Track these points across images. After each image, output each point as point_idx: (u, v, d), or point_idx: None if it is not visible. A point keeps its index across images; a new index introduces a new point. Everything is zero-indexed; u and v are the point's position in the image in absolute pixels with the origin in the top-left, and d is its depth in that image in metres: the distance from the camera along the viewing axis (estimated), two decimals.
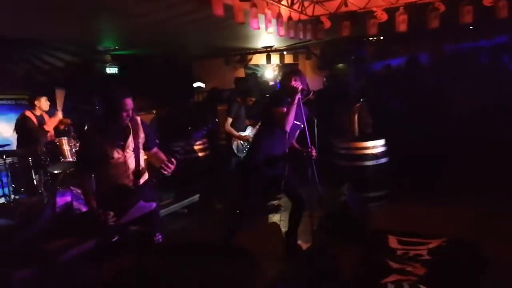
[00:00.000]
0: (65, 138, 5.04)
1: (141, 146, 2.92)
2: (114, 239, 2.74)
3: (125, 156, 2.82)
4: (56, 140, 5.07)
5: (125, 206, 2.76)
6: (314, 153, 3.44)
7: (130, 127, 2.87)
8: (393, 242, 3.84)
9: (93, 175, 2.88)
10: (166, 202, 5.41)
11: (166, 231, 4.48)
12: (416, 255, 3.52)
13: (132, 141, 2.86)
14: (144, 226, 2.87)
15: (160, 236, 2.93)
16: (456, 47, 7.35)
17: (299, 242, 3.87)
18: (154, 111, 7.69)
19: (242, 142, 5.56)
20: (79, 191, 4.08)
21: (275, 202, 5.26)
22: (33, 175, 5.07)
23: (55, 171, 5.02)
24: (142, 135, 2.93)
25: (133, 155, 2.85)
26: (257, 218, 4.75)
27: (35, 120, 5.20)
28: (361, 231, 4.03)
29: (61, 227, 4.32)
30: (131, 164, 2.84)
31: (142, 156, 2.95)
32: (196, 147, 6.10)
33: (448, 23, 4.76)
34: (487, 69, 6.83)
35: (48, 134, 5.29)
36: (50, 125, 5.29)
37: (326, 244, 3.81)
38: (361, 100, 6.49)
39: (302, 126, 3.50)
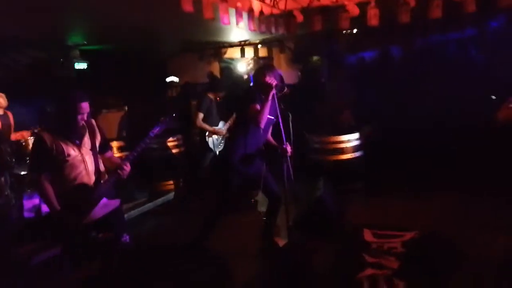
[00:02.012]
0: (32, 137, 4.86)
1: (97, 146, 2.87)
2: (79, 242, 2.66)
3: (82, 154, 2.78)
4: (23, 140, 4.88)
5: (88, 205, 2.70)
6: (289, 149, 3.42)
7: (86, 127, 2.85)
8: (368, 235, 3.88)
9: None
10: (140, 201, 5.32)
11: (139, 232, 4.45)
12: (390, 248, 3.57)
13: (89, 140, 2.82)
14: (110, 228, 2.80)
15: (127, 237, 2.87)
16: (425, 40, 7.48)
17: (276, 238, 3.87)
18: (126, 107, 7.51)
19: (217, 137, 5.51)
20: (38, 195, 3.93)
21: (252, 199, 5.24)
22: None
23: (22, 173, 4.83)
24: (98, 136, 2.90)
25: (91, 153, 2.81)
26: (234, 215, 4.71)
27: None
28: (336, 226, 4.07)
29: (29, 231, 4.19)
30: (89, 162, 2.81)
31: (98, 156, 2.89)
32: (169, 144, 6.01)
33: (418, 16, 4.81)
34: (455, 61, 7.00)
35: (12, 133, 5.09)
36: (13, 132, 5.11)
37: (302, 240, 3.83)
38: None
39: (275, 119, 3.48)
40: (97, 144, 2.90)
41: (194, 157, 6.20)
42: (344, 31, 7.31)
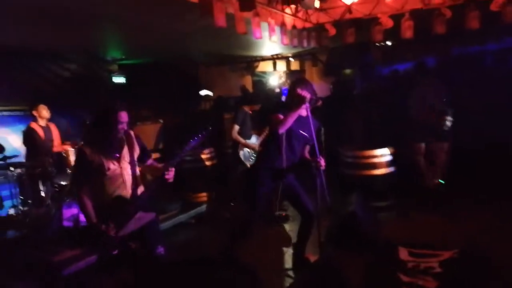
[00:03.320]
0: (72, 149, 5.06)
1: (136, 158, 2.93)
2: (114, 252, 2.71)
3: (121, 167, 2.84)
4: (63, 151, 5.10)
5: (125, 217, 2.76)
6: (322, 162, 3.38)
7: (125, 139, 2.91)
8: (403, 254, 3.75)
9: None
10: (172, 213, 5.39)
11: (171, 244, 4.51)
12: (427, 267, 3.43)
13: (128, 153, 2.88)
14: (144, 239, 2.85)
15: (162, 249, 2.91)
16: (462, 51, 7.26)
17: (307, 254, 3.82)
18: (161, 120, 7.70)
19: (248, 150, 5.54)
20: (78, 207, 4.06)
21: (283, 212, 5.21)
22: (41, 187, 5.09)
23: (62, 183, 5.03)
24: (137, 148, 2.96)
25: (129, 167, 2.87)
26: (265, 229, 4.69)
27: (40, 132, 5.23)
28: (370, 242, 3.96)
29: (68, 239, 4.33)
30: (128, 175, 2.87)
31: (137, 168, 2.95)
32: (203, 156, 6.09)
33: (454, 27, 4.69)
34: (494, 72, 6.76)
35: (56, 144, 5.32)
36: (56, 139, 5.34)
37: (334, 256, 3.75)
38: None
39: (308, 137, 3.44)
40: (136, 156, 2.96)
41: (225, 170, 6.25)
42: (377, 44, 7.22)
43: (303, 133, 3.43)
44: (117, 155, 2.84)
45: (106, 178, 2.79)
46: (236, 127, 5.43)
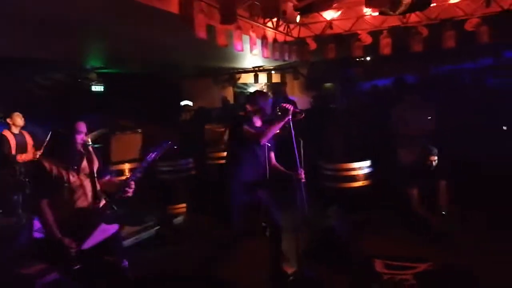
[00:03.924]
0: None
1: (95, 171, 2.89)
2: (76, 267, 2.63)
3: (81, 179, 2.81)
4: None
5: (87, 230, 2.70)
6: (302, 175, 3.40)
7: (84, 152, 2.89)
8: (379, 266, 3.76)
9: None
10: (148, 224, 5.29)
11: (146, 257, 4.41)
12: (402, 280, 3.46)
13: (87, 165, 2.85)
14: (109, 253, 2.79)
15: (126, 262, 2.85)
16: (440, 69, 7.47)
17: (284, 266, 3.78)
18: (140, 130, 7.60)
19: None
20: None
21: (262, 224, 5.17)
22: (12, 196, 4.94)
23: None
24: (96, 162, 2.93)
25: (89, 179, 2.83)
26: (249, 240, 4.65)
27: (11, 140, 5.11)
28: (347, 255, 3.97)
29: (38, 251, 4.19)
30: (88, 187, 2.83)
31: (97, 181, 2.91)
32: (180, 167, 6.03)
33: (432, 45, 4.83)
34: (471, 90, 6.94)
35: (28, 152, 5.19)
36: (29, 147, 5.22)
37: (312, 269, 3.74)
38: None
39: (270, 146, 3.52)
40: (95, 169, 2.92)
41: (203, 181, 6.20)
42: (358, 59, 7.36)
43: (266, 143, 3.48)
44: (75, 167, 2.81)
45: (66, 190, 2.75)
46: None
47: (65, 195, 2.74)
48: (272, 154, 3.69)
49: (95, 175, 2.89)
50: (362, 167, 5.34)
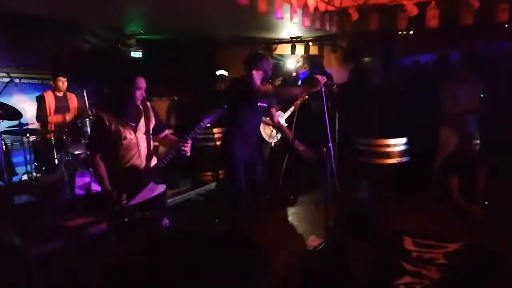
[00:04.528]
0: (87, 119, 5.13)
1: (151, 129, 2.95)
2: (125, 221, 2.76)
3: (137, 137, 2.86)
4: (78, 121, 5.17)
5: (138, 187, 2.79)
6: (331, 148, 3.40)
7: (142, 110, 2.92)
8: (408, 243, 3.74)
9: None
10: (183, 189, 5.45)
11: (180, 218, 4.57)
12: (431, 258, 3.43)
13: (144, 123, 2.90)
14: (152, 210, 2.89)
15: (167, 221, 2.96)
16: (491, 46, 7.04)
17: (312, 236, 3.83)
18: (175, 97, 7.73)
19: (271, 127, 5.48)
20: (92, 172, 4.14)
21: (290, 196, 5.21)
22: (55, 155, 5.19)
23: (76, 152, 5.11)
24: (153, 119, 2.97)
25: (145, 137, 2.89)
26: (269, 211, 4.71)
27: (50, 102, 5.33)
28: (376, 230, 3.96)
29: (79, 207, 4.42)
30: (143, 146, 2.89)
31: (152, 140, 2.98)
32: (214, 136, 6.10)
33: (482, 20, 4.55)
34: None
35: (71, 115, 5.40)
36: (72, 109, 5.43)
37: (341, 241, 3.76)
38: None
39: (266, 106, 3.74)
40: (151, 127, 2.98)
41: None
42: (400, 32, 7.06)
43: (263, 104, 3.68)
44: (134, 124, 2.86)
45: (121, 146, 2.82)
46: None
47: (119, 151, 2.82)
48: (274, 111, 3.94)
49: (151, 133, 2.96)
50: (397, 144, 5.22)
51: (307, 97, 4.94)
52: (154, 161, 2.97)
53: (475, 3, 4.45)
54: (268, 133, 5.48)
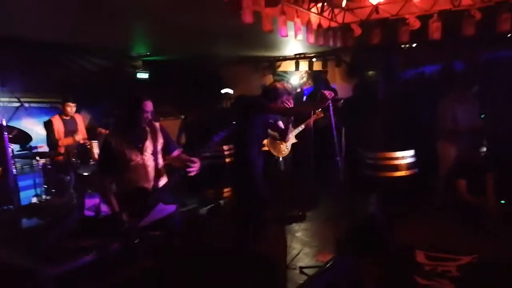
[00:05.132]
0: (96, 141, 5.18)
1: (159, 150, 2.97)
2: (135, 242, 2.76)
3: (144, 159, 2.88)
4: (87, 143, 5.22)
5: (145, 208, 2.80)
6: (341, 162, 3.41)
7: (148, 131, 2.95)
8: (420, 257, 3.69)
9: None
10: (190, 207, 5.44)
11: (187, 235, 4.54)
12: (444, 271, 3.37)
13: (151, 144, 2.92)
14: (164, 230, 2.89)
15: (179, 239, 2.95)
16: (493, 55, 7.05)
17: (322, 253, 3.79)
18: (183, 116, 7.79)
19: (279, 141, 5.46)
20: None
21: (299, 212, 5.18)
22: (64, 177, 5.23)
23: (85, 173, 5.15)
24: (161, 140, 2.99)
25: (152, 158, 2.91)
26: (278, 227, 4.68)
27: (58, 126, 5.41)
28: (387, 244, 3.91)
29: (89, 228, 4.43)
30: (150, 167, 2.90)
31: (161, 160, 2.98)
32: (223, 153, 6.12)
33: (484, 30, 4.57)
34: None
35: (80, 137, 5.46)
36: (80, 130, 5.49)
37: (351, 256, 3.72)
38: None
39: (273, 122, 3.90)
40: (159, 147, 2.99)
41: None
42: (403, 45, 7.11)
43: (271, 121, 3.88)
44: (140, 146, 2.89)
45: (129, 169, 2.84)
46: None
47: (127, 173, 2.85)
48: (281, 123, 4.02)
49: (158, 154, 2.97)
50: (404, 156, 5.20)
51: (322, 115, 4.90)
52: (163, 181, 2.98)
53: (477, 14, 4.48)
54: (278, 149, 5.45)
